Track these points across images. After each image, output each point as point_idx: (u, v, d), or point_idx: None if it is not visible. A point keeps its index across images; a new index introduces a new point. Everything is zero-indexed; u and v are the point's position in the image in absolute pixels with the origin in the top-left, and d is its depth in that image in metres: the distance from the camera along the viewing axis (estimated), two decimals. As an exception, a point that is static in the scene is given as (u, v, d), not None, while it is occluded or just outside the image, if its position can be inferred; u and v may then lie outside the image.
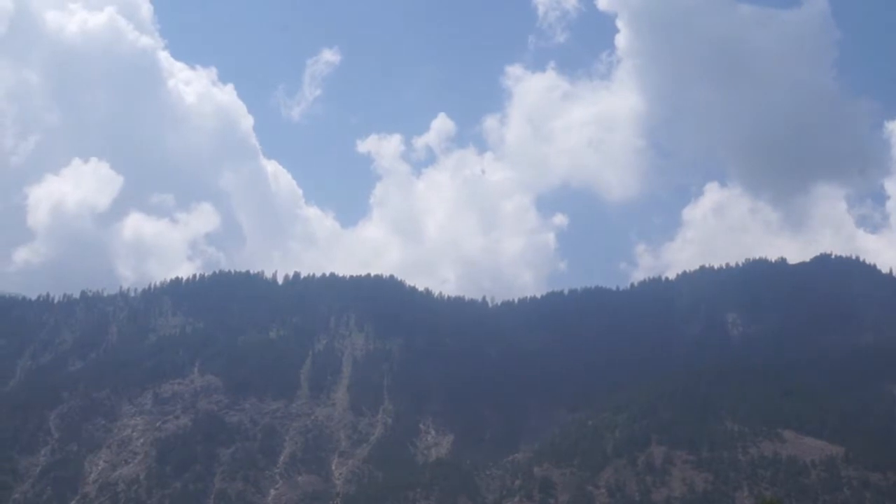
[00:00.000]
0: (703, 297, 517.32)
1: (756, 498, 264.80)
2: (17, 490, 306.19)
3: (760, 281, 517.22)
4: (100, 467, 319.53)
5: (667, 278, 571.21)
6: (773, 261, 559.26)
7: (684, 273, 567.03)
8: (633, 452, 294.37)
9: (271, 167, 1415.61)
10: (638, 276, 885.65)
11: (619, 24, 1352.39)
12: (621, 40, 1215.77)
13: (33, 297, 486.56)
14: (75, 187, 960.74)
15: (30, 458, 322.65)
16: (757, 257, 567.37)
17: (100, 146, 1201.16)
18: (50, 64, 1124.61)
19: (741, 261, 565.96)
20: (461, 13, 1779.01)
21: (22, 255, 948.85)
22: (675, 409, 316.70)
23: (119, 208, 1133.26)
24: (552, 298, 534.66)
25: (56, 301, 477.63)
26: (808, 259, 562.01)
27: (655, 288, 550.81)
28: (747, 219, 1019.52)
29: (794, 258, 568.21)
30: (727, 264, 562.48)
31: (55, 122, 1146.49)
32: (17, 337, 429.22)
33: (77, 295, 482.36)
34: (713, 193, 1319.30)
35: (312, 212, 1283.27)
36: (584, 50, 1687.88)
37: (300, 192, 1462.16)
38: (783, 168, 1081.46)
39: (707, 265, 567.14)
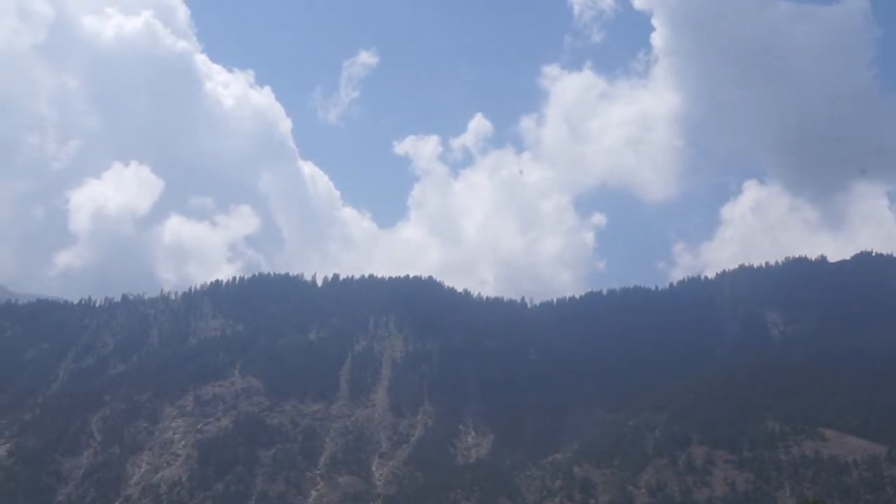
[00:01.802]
0: (743, 297, 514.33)
1: (798, 498, 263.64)
2: (60, 492, 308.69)
3: (800, 280, 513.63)
4: (142, 469, 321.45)
5: (706, 277, 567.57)
6: (812, 259, 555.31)
7: (723, 272, 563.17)
8: (674, 452, 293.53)
9: (308, 169, 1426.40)
10: (677, 275, 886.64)
11: (655, 22, 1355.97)
12: (657, 39, 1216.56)
13: (75, 300, 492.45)
14: (116, 191, 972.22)
15: (73, 461, 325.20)
16: (797, 256, 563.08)
17: (140, 150, 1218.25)
18: (89, 69, 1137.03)
19: (781, 259, 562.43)
20: (497, 14, 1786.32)
21: (64, 258, 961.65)
22: (715, 408, 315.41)
23: (159, 211, 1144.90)
24: (591, 298, 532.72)
25: (98, 305, 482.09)
26: (848, 257, 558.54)
27: (694, 287, 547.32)
28: (786, 217, 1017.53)
29: (834, 256, 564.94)
30: (766, 263, 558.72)
31: (95, 126, 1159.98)
32: (60, 340, 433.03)
33: (118, 298, 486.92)
34: (752, 192, 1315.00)
35: (349, 213, 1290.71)
36: (620, 49, 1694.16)
37: (337, 194, 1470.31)
38: (822, 166, 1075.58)
39: (746, 264, 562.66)
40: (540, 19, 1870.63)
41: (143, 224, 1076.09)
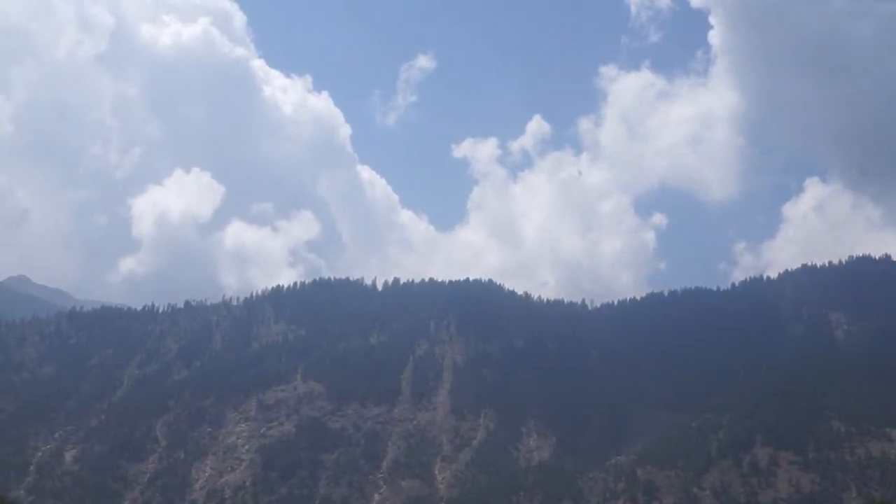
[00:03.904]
0: (806, 297, 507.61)
1: (864, 499, 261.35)
2: (126, 497, 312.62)
3: (864, 279, 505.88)
4: (206, 474, 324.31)
5: (768, 277, 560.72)
6: (876, 258, 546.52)
7: (786, 272, 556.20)
8: (738, 454, 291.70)
9: (366, 173, 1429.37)
10: (738, 275, 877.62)
11: (713, 20, 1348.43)
12: (715, 37, 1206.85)
13: (139, 307, 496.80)
14: (178, 197, 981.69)
15: (138, 466, 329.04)
16: (860, 255, 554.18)
17: (200, 156, 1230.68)
18: (148, 77, 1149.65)
19: (844, 258, 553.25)
20: (554, 15, 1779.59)
21: (127, 265, 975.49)
22: (779, 409, 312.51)
23: (221, 217, 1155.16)
24: (652, 300, 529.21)
25: (161, 311, 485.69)
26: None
27: (757, 287, 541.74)
28: (849, 215, 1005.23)
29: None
30: (830, 262, 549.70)
31: (156, 133, 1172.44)
32: (124, 346, 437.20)
33: (181, 304, 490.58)
34: (814, 189, 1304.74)
35: (408, 217, 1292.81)
36: (678, 48, 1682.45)
37: (396, 197, 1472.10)
38: (885, 162, 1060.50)
39: (809, 263, 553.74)
40: (597, 20, 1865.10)
41: (204, 230, 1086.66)
